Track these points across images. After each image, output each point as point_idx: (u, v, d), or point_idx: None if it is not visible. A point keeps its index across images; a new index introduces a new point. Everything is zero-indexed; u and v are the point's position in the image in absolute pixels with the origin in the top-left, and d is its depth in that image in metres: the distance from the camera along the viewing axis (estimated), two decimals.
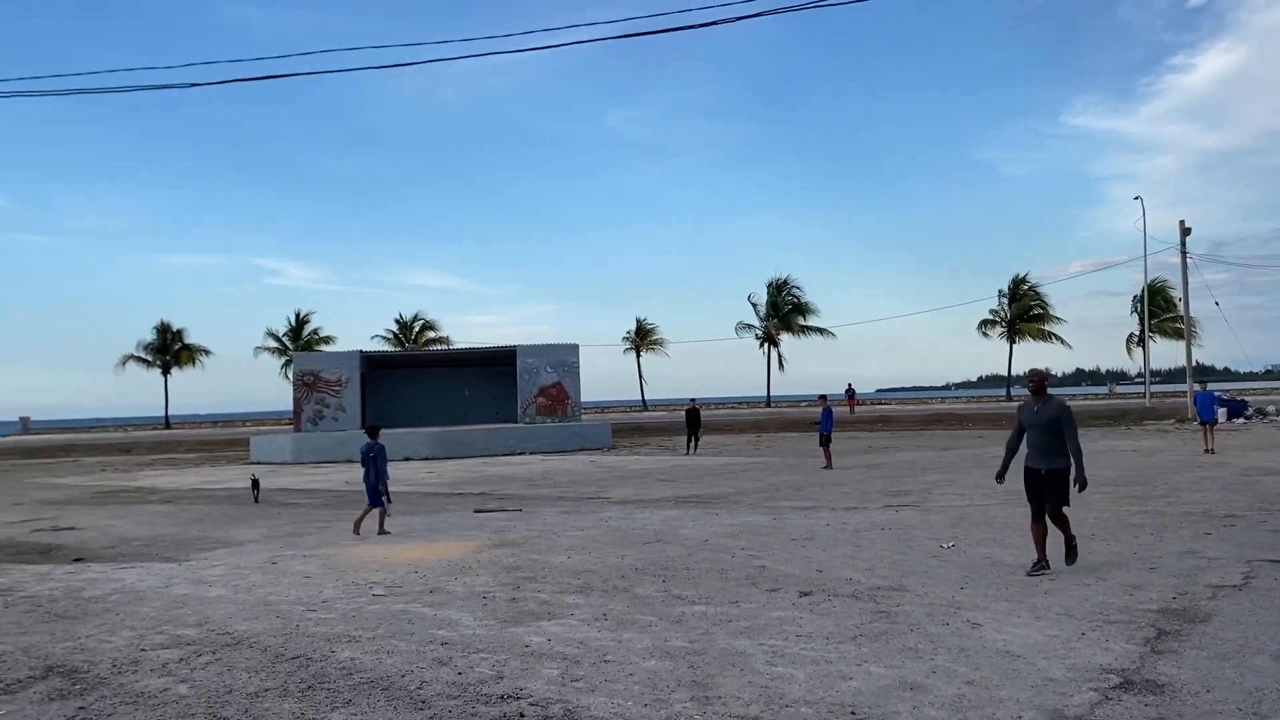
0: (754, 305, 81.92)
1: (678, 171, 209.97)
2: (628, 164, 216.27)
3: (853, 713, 5.26)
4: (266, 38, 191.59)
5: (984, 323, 79.22)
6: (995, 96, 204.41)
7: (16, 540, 14.89)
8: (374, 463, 13.82)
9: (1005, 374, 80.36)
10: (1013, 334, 77.63)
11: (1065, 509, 9.04)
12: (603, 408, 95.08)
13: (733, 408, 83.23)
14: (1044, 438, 9.03)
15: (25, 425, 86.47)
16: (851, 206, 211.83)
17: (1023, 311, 77.48)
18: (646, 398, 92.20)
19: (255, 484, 21.28)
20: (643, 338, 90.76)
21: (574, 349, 38.64)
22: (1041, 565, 8.95)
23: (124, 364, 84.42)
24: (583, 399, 39.12)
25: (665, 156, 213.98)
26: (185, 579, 10.50)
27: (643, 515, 14.81)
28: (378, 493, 13.85)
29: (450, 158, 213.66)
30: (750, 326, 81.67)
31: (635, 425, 53.92)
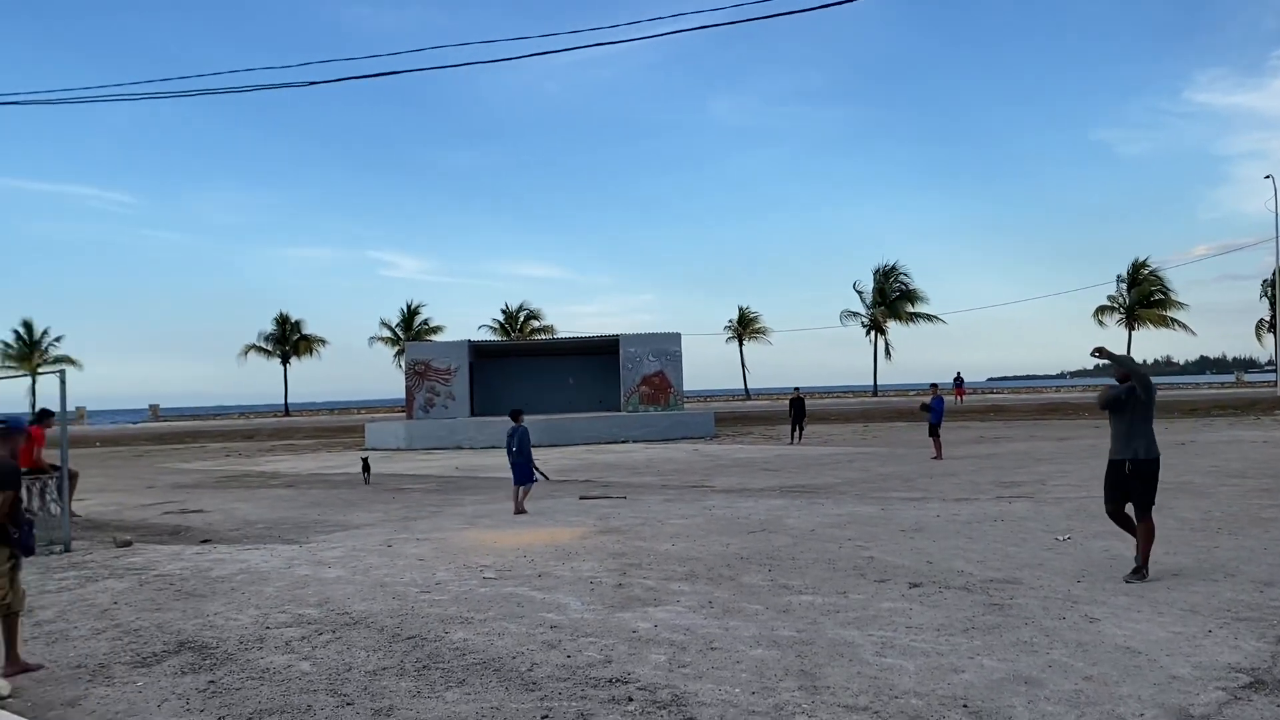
0: (859, 292, 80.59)
1: (781, 158, 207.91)
2: (730, 151, 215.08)
3: (965, 705, 5.18)
4: (377, 36, 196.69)
5: (1101, 309, 76.46)
6: (1112, 74, 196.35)
7: (149, 522, 15.68)
8: (520, 443, 14.89)
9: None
10: (1131, 320, 74.69)
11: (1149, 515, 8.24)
12: (705, 396, 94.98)
13: (838, 397, 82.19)
14: (1126, 422, 8.29)
15: (155, 413, 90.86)
16: (961, 190, 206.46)
17: (1142, 297, 74.46)
18: (749, 386, 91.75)
19: (366, 466, 22.42)
20: (745, 326, 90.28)
21: (676, 338, 38.70)
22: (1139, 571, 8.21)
23: (246, 354, 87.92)
24: (685, 388, 39.18)
25: (769, 143, 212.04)
26: (306, 560, 10.90)
27: (747, 504, 14.78)
28: (526, 471, 14.80)
29: (555, 150, 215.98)
30: (856, 314, 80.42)
31: (738, 414, 53.75)
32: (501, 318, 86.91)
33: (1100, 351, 8.42)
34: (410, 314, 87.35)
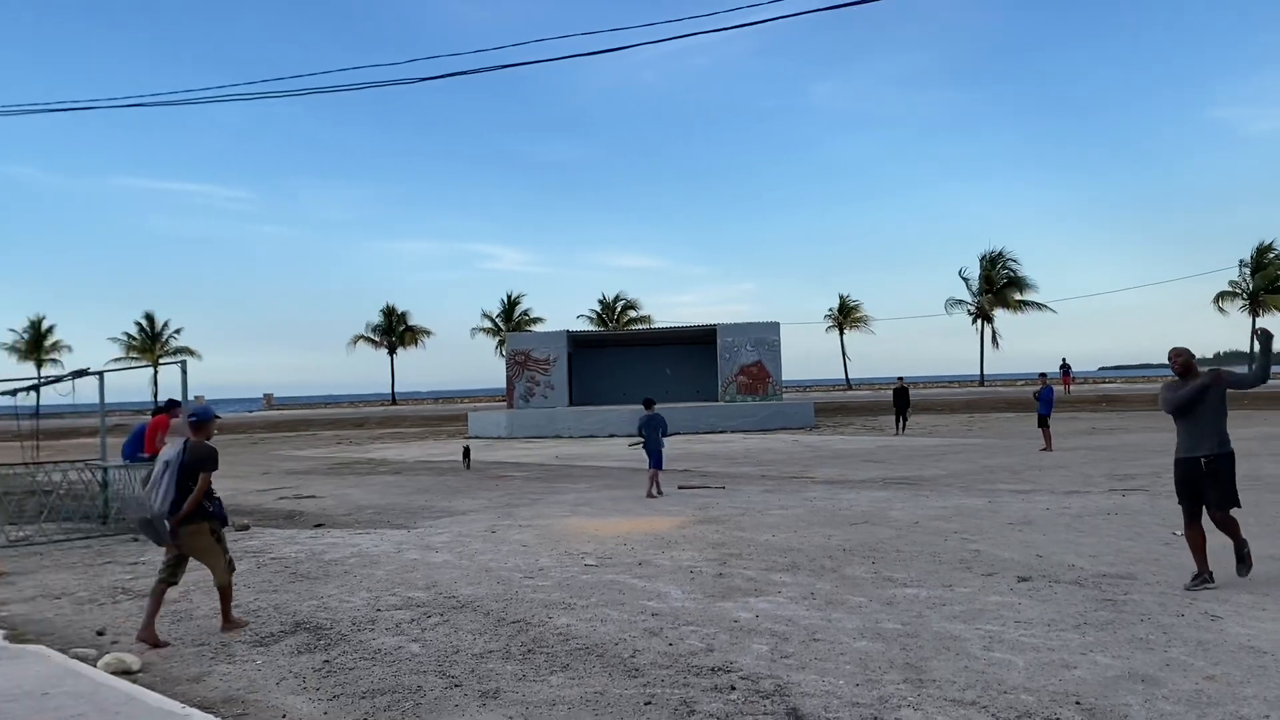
0: (965, 280, 78.61)
1: (885, 143, 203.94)
2: (832, 137, 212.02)
3: (1078, 702, 5.04)
4: (477, 30, 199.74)
5: (1221, 295, 73.14)
6: (1235, 49, 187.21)
7: (265, 507, 16.30)
8: (654, 430, 15.73)
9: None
10: (1255, 307, 71.26)
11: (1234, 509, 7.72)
12: (805, 386, 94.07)
13: (943, 387, 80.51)
14: (1198, 419, 7.76)
15: (269, 402, 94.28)
16: (1072, 173, 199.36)
17: (1268, 282, 70.96)
18: (850, 376, 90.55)
19: (466, 452, 23.84)
20: (846, 315, 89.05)
21: (775, 327, 38.41)
22: (1203, 579, 7.69)
23: (354, 344, 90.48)
24: (784, 378, 38.88)
25: (871, 128, 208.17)
26: (414, 545, 11.19)
27: (849, 496, 14.61)
28: (658, 456, 15.54)
29: (652, 139, 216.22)
30: (961, 302, 78.50)
31: (839, 404, 53.10)
32: (599, 308, 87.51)
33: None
34: (510, 305, 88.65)
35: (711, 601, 7.73)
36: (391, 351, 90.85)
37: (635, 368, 41.81)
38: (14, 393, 14.97)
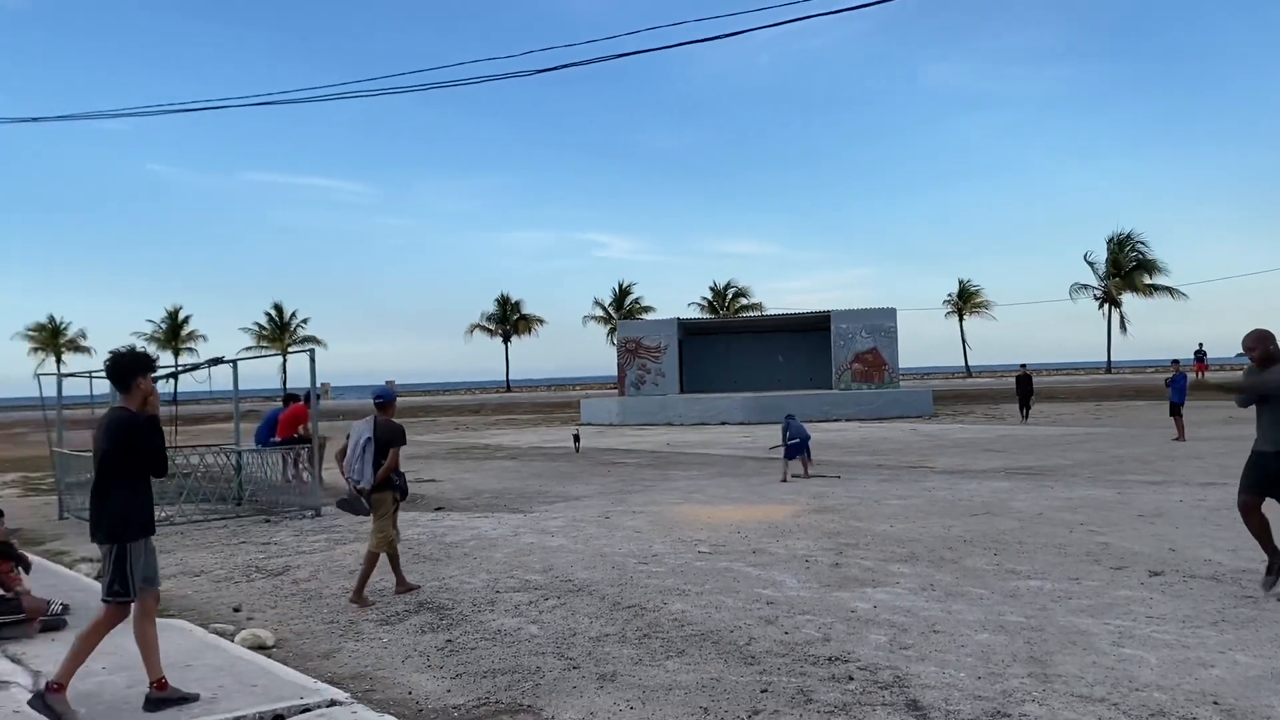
0: (1091, 264, 75.50)
1: (1004, 122, 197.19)
2: (949, 118, 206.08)
3: (1215, 702, 4.82)
4: (590, 19, 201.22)
5: None
6: None
7: None
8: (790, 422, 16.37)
9: None
10: None
11: None
12: (922, 374, 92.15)
13: (1067, 374, 77.78)
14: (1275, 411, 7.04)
15: (391, 388, 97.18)
16: (1204, 150, 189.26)
17: None
18: (970, 363, 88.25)
19: (576, 438, 24.95)
20: (965, 300, 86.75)
21: (891, 313, 37.70)
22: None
23: (470, 333, 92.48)
24: (900, 365, 38.14)
25: (990, 107, 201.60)
26: (530, 529, 11.40)
27: (969, 486, 14.26)
28: (793, 447, 16.04)
29: (766, 123, 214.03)
30: (1087, 287, 75.45)
31: (958, 392, 51.82)
32: (710, 295, 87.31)
33: None
34: (622, 293, 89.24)
35: (828, 591, 7.65)
36: (506, 339, 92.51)
37: (746, 355, 41.59)
38: (155, 380, 15.77)
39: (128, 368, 5.30)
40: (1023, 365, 32.74)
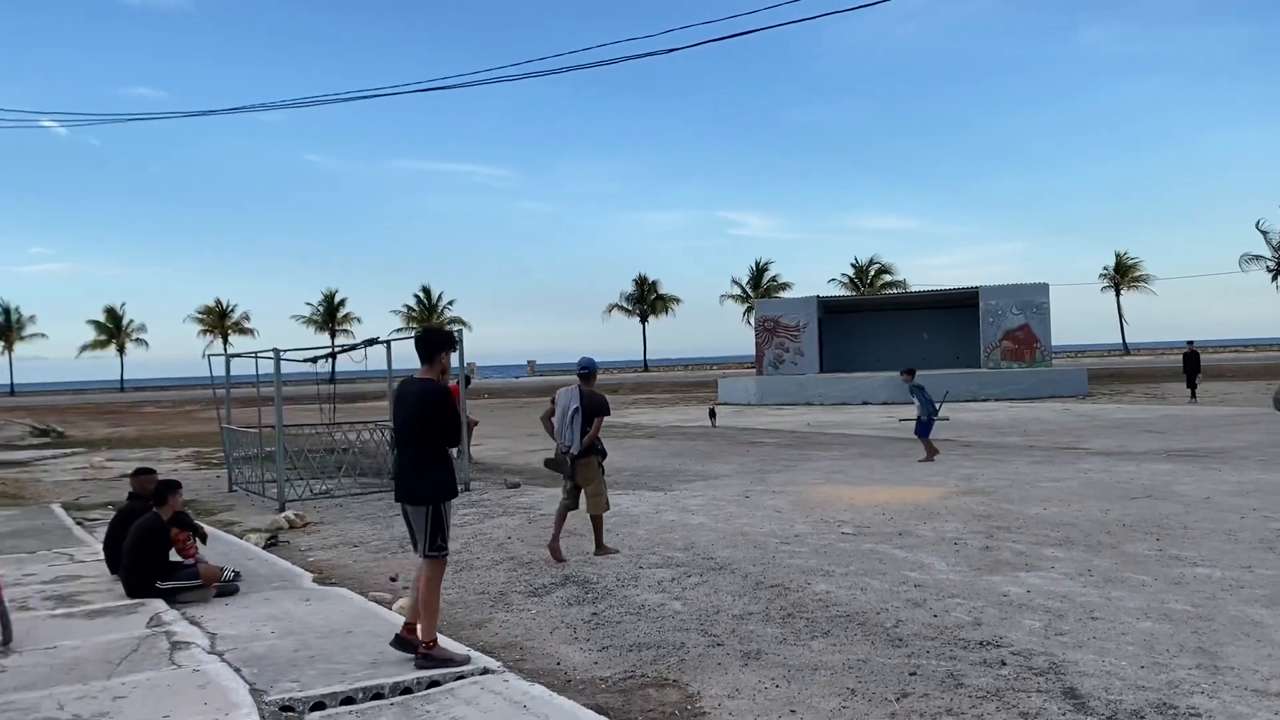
0: (1264, 233, 70.82)
1: (1165, 86, 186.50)
2: (1105, 84, 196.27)
3: None
4: None
5: None
6: None
7: (533, 466, 17.20)
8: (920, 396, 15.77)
9: None
10: None
11: None
12: (1076, 352, 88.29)
13: (1236, 351, 73.21)
14: None
15: (532, 368, 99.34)
16: None
17: None
18: (1127, 340, 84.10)
19: (712, 413, 26.12)
20: (1123, 274, 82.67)
21: (1043, 289, 36.21)
22: None
23: (609, 312, 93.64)
24: (1053, 342, 36.63)
25: (1150, 71, 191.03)
26: (671, 507, 11.48)
27: (1127, 468, 13.61)
28: (921, 424, 15.57)
29: (908, 95, 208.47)
30: (1259, 258, 70.80)
31: (1114, 370, 49.49)
32: (851, 272, 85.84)
33: None
34: (759, 271, 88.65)
35: (978, 574, 7.44)
36: (643, 319, 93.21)
37: (889, 333, 40.68)
38: (315, 360, 16.55)
39: (438, 342, 5.76)
40: (1189, 342, 31.00)
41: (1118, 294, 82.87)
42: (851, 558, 8.20)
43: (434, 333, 5.86)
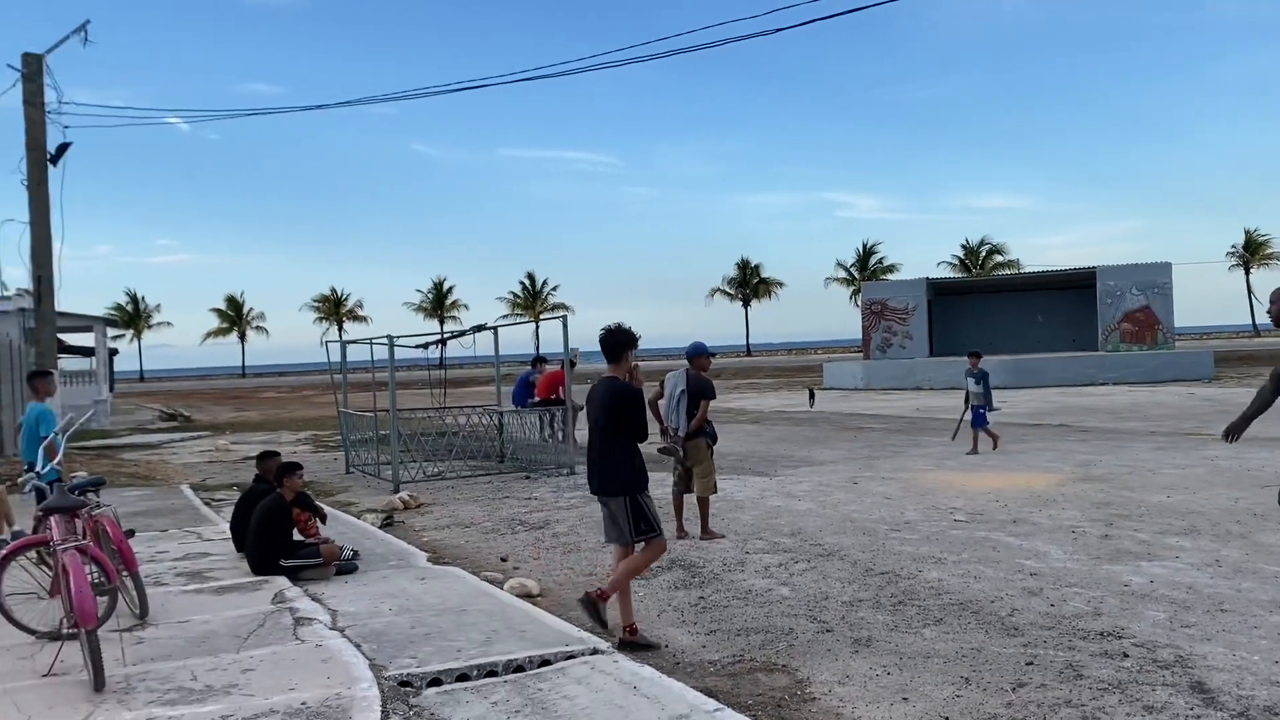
0: None
1: None
2: (1234, 51, 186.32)
3: None
4: None
5: None
6: None
7: None
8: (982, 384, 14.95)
9: None
10: None
11: None
12: (1202, 334, 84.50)
13: None
14: None
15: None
16: None
17: None
18: (1258, 321, 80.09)
19: (811, 394, 26.62)
20: (1252, 252, 78.76)
21: (1165, 268, 34.71)
22: None
23: (711, 297, 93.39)
24: (1175, 324, 35.11)
25: None
26: (776, 492, 11.41)
27: (1260, 455, 12.97)
28: (979, 413, 14.76)
29: (1021, 69, 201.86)
30: None
31: (1244, 353, 47.21)
32: (961, 254, 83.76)
33: None
34: (866, 253, 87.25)
35: (1097, 564, 7.21)
36: (746, 303, 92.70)
37: (1002, 316, 39.56)
38: (425, 346, 16.97)
39: (623, 342, 5.96)
40: None
41: (1247, 272, 78.97)
42: (964, 545, 8.03)
43: (618, 332, 5.97)
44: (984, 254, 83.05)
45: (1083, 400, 25.05)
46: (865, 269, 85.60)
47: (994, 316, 39.71)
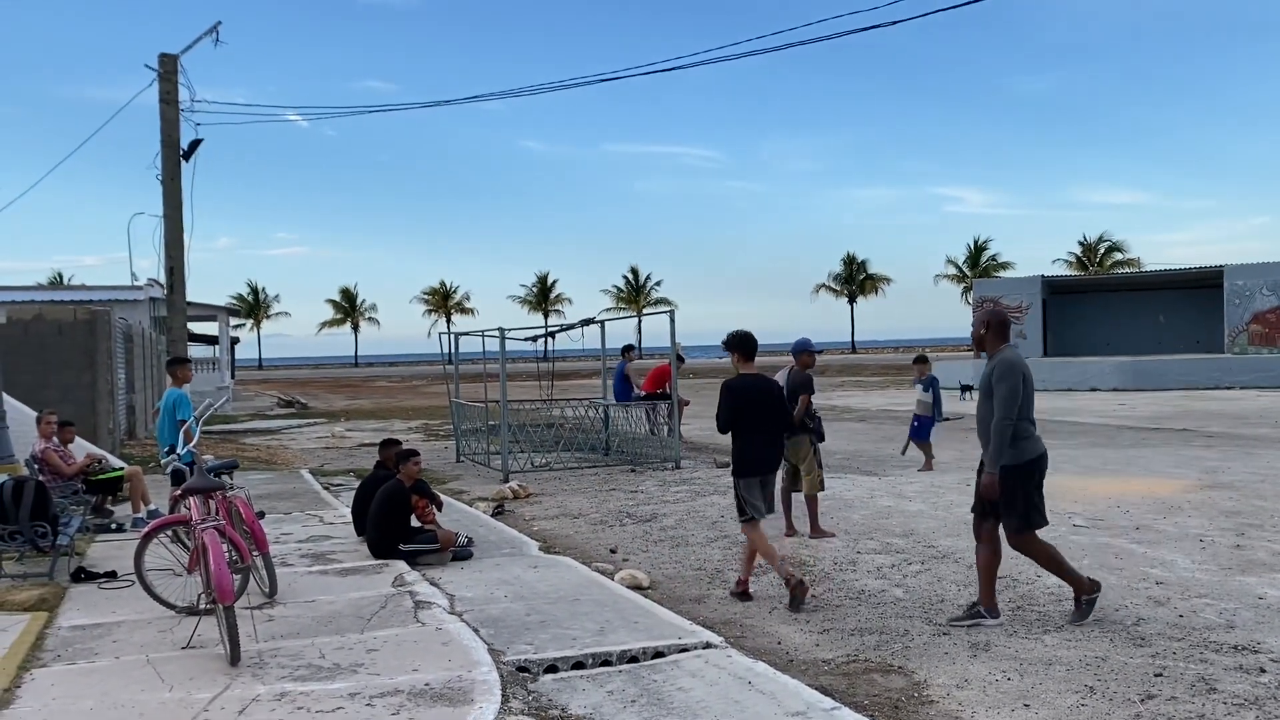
0: None
1: None
2: None
3: None
4: None
5: None
6: None
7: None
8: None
9: None
10: None
11: None
12: None
13: None
14: None
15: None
16: None
17: None
18: None
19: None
20: None
21: None
22: None
23: (816, 293, 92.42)
24: None
25: None
26: (886, 492, 11.25)
27: None
28: (925, 424, 14.07)
29: (1140, 58, 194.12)
30: None
31: None
32: (1078, 250, 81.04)
33: None
34: (977, 250, 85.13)
35: (1228, 574, 6.92)
36: (851, 300, 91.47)
37: (1121, 315, 38.15)
38: (534, 339, 17.24)
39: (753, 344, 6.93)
40: None
41: None
42: (1084, 551, 7.79)
43: (743, 335, 6.94)
44: (1102, 251, 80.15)
45: (1207, 404, 23.99)
46: (976, 266, 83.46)
47: (1113, 316, 38.35)
